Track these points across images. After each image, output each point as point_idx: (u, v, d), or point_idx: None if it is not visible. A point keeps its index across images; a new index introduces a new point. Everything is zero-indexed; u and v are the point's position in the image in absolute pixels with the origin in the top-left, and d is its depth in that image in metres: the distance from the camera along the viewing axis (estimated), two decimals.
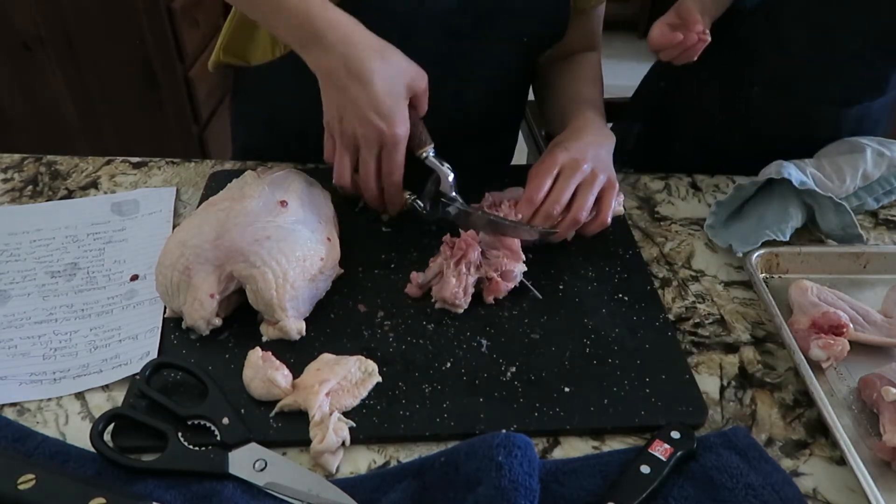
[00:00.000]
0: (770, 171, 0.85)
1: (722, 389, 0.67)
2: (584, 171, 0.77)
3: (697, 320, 0.74)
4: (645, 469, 0.56)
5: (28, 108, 1.84)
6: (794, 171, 0.84)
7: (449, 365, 0.67)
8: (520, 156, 1.36)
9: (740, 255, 0.79)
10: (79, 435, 0.60)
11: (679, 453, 0.57)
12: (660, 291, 0.77)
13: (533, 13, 0.86)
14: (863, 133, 0.94)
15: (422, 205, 0.78)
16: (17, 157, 0.96)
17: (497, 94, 0.96)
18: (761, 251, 0.79)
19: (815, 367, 0.67)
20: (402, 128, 0.71)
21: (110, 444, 0.58)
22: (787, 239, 0.80)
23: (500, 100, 0.98)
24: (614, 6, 1.18)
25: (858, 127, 0.94)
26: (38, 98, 1.82)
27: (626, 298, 0.75)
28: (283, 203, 0.74)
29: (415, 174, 0.77)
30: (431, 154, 0.76)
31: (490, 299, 0.73)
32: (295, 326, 0.68)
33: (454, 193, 0.77)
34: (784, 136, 0.95)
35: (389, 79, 0.70)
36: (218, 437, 0.59)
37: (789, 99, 0.93)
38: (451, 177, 0.76)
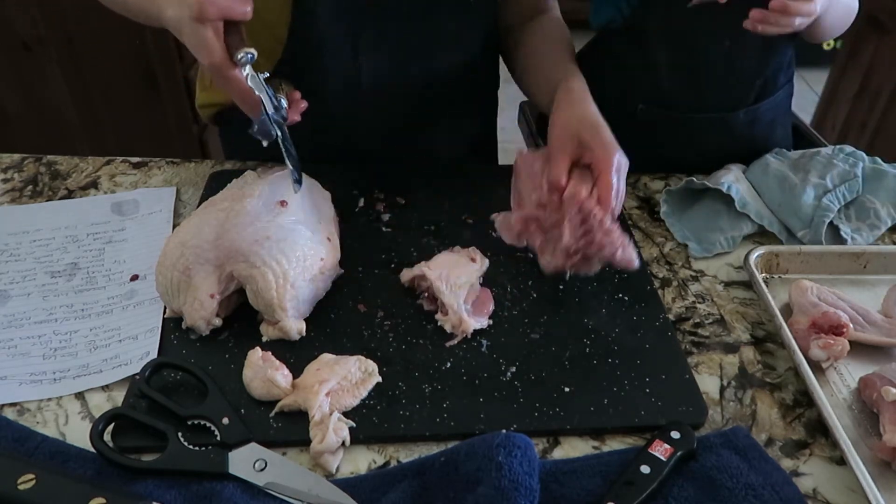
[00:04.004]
0: (720, 178, 0.87)
1: (722, 389, 0.67)
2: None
3: (697, 320, 0.74)
4: (645, 469, 0.56)
5: (28, 108, 1.84)
6: (739, 188, 0.86)
7: (449, 365, 0.67)
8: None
9: (695, 257, 0.83)
10: (79, 435, 0.60)
11: (679, 453, 0.57)
12: (660, 291, 0.77)
13: None
14: (758, 135, 0.94)
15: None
16: (17, 157, 0.96)
17: (460, 63, 0.94)
18: (761, 251, 0.79)
19: (815, 367, 0.67)
20: (210, 56, 0.69)
21: (110, 444, 0.58)
22: (734, 249, 0.83)
23: (466, 69, 0.95)
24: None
25: (751, 130, 0.93)
26: (38, 98, 1.82)
27: (626, 298, 0.75)
28: (283, 203, 0.74)
29: None
30: (243, 57, 0.70)
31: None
32: (295, 326, 0.68)
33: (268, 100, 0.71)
34: (677, 149, 0.96)
35: (182, 19, 0.69)
36: (218, 437, 0.59)
37: (672, 112, 0.92)
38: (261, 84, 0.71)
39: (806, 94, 2.83)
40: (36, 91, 1.80)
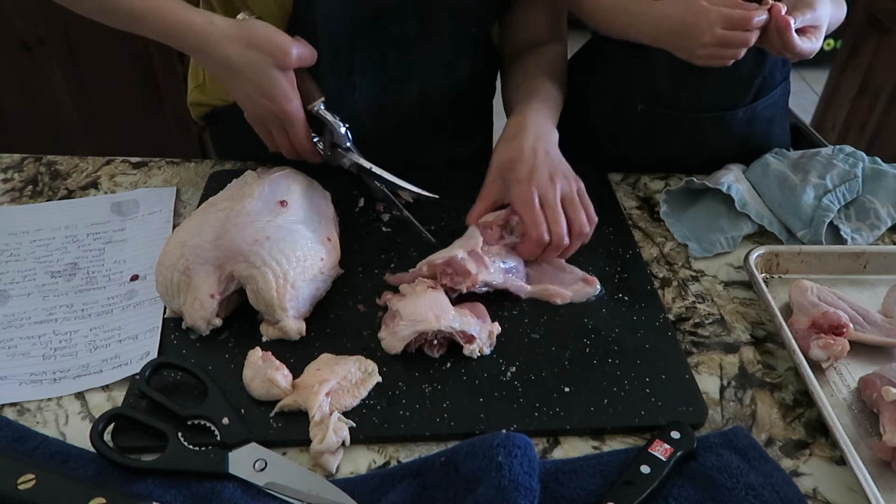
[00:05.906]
0: (720, 178, 0.87)
1: (722, 389, 0.67)
2: (557, 185, 0.76)
3: (697, 320, 0.74)
4: (645, 469, 0.56)
5: (28, 108, 1.84)
6: (739, 188, 0.86)
7: (449, 365, 0.67)
8: None
9: (695, 257, 0.83)
10: (79, 435, 0.60)
11: (679, 453, 0.57)
12: (660, 291, 0.77)
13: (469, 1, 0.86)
14: (756, 133, 0.94)
15: (322, 147, 0.80)
16: (17, 157, 0.96)
17: (456, 87, 0.95)
18: (761, 251, 0.79)
19: (815, 367, 0.67)
20: (289, 104, 0.73)
21: (110, 444, 0.58)
22: (734, 249, 0.83)
23: (462, 93, 0.96)
24: None
25: (750, 128, 0.93)
26: (38, 98, 1.82)
27: (626, 298, 0.75)
28: (283, 203, 0.74)
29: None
30: (321, 108, 0.78)
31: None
32: (295, 326, 0.68)
33: (349, 145, 0.79)
34: (677, 149, 0.95)
35: (256, 63, 0.71)
36: (218, 437, 0.59)
37: (671, 112, 0.91)
38: (342, 128, 0.78)
39: (806, 94, 2.83)
40: (36, 91, 1.80)
